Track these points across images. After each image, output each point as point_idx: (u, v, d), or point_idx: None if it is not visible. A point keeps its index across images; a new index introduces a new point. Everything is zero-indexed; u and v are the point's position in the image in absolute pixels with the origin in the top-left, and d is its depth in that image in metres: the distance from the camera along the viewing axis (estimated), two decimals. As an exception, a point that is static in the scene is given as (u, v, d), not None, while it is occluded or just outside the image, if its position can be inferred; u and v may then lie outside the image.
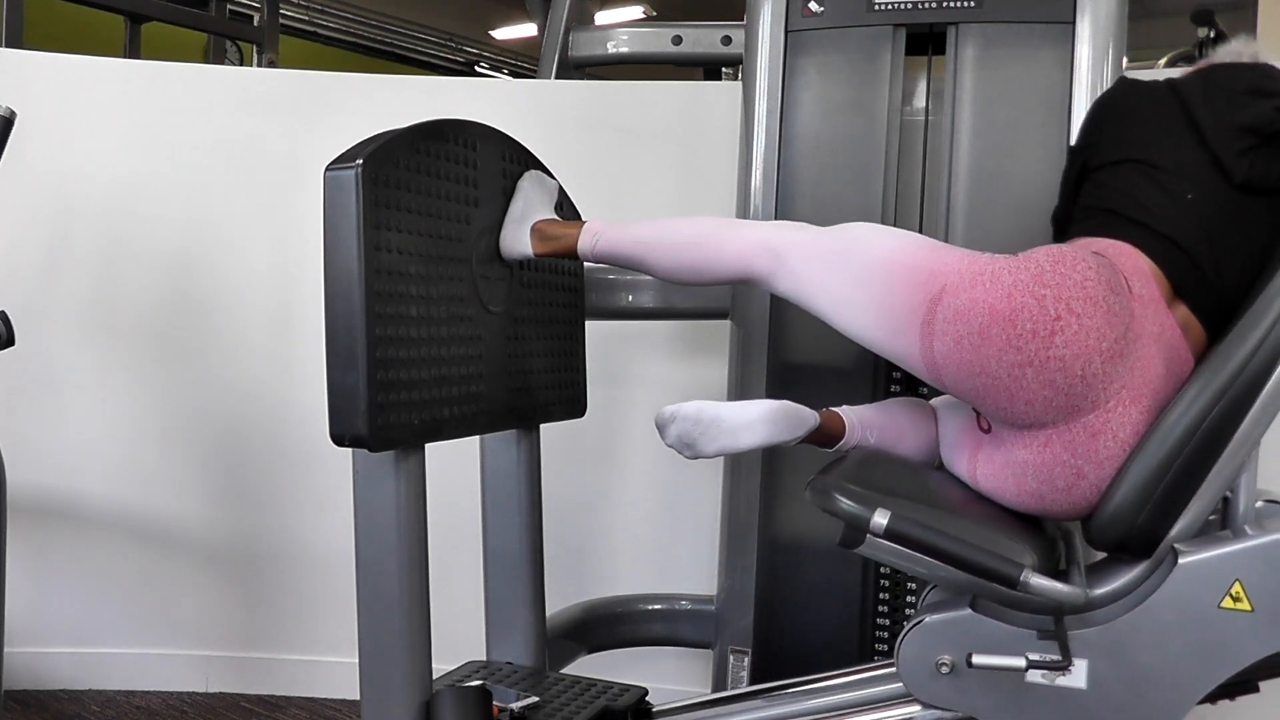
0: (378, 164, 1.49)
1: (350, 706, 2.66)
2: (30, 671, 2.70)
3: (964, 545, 1.37)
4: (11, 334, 2.00)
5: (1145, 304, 1.48)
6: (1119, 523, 1.43)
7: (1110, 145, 1.67)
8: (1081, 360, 1.40)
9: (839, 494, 1.42)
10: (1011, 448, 1.50)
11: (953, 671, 1.45)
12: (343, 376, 1.47)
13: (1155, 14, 6.15)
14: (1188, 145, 1.59)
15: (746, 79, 2.19)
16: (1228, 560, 1.38)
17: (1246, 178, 1.55)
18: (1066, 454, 1.45)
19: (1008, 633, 1.44)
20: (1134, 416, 1.44)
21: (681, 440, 1.66)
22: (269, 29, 5.46)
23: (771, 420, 1.65)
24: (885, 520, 1.38)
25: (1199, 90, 1.63)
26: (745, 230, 1.70)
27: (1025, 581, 1.34)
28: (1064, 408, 1.43)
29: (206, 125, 2.74)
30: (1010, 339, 1.41)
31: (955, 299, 1.45)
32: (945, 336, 1.46)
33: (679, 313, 2.33)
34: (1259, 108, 1.57)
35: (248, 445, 2.75)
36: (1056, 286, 1.41)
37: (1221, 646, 1.38)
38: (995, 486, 1.55)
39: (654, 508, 2.67)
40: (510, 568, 1.97)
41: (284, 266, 2.73)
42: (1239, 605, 1.37)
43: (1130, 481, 1.42)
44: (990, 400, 1.47)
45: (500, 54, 12.29)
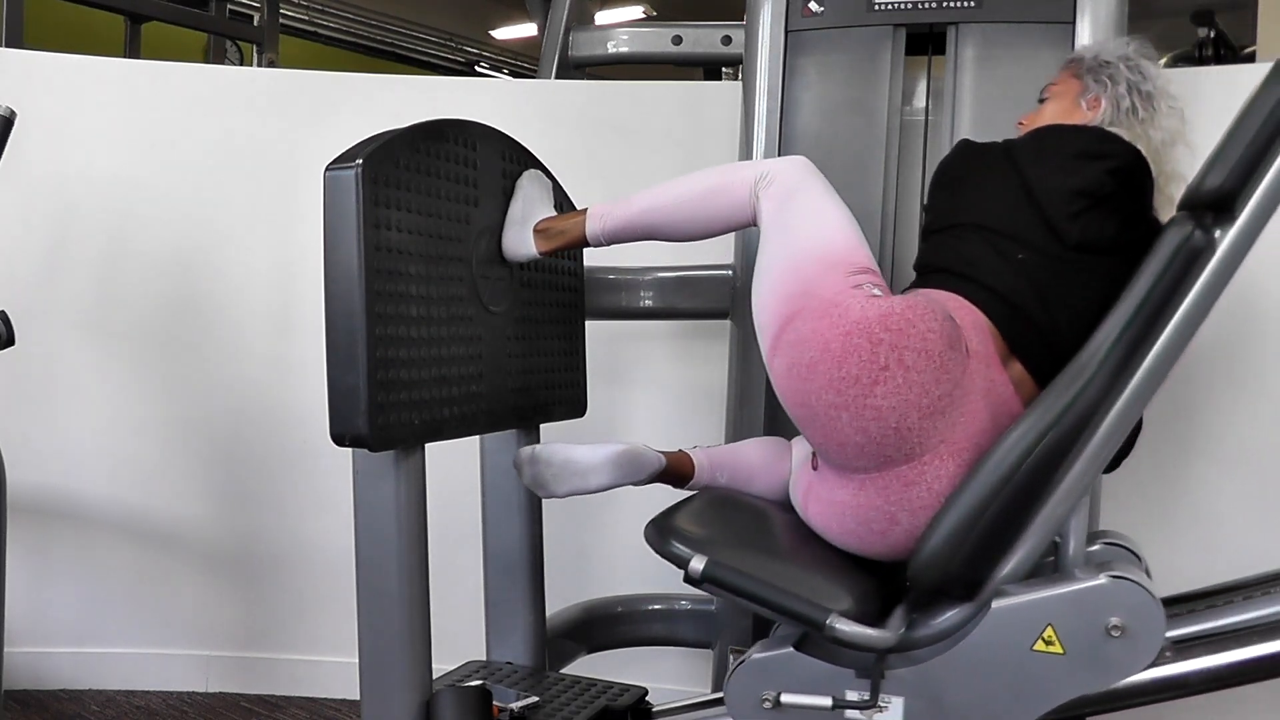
0: (378, 164, 1.49)
1: (350, 706, 2.66)
2: (30, 671, 2.70)
3: (774, 590, 1.44)
4: (11, 334, 2.00)
5: (980, 360, 1.50)
6: (934, 567, 1.45)
7: (946, 209, 1.70)
8: (898, 414, 1.42)
9: (669, 537, 1.52)
10: (833, 488, 1.54)
11: (775, 707, 1.48)
12: (343, 376, 1.47)
13: (1155, 14, 6.14)
14: (1021, 208, 1.61)
15: (746, 79, 2.19)
16: (1040, 604, 1.42)
17: (1080, 240, 1.58)
18: (881, 500, 1.48)
19: (827, 671, 1.48)
20: (950, 470, 1.46)
21: (535, 481, 1.73)
22: (269, 29, 5.45)
23: (616, 464, 1.71)
24: (701, 566, 1.45)
25: (1032, 152, 1.67)
26: (741, 172, 1.70)
27: (832, 626, 1.39)
28: (876, 456, 1.45)
29: (206, 125, 2.74)
30: (833, 380, 1.43)
31: (802, 326, 1.48)
32: (783, 358, 1.50)
33: (679, 313, 2.34)
34: (1089, 171, 1.60)
35: (248, 445, 2.75)
36: (896, 333, 1.43)
37: (1034, 688, 1.42)
38: (822, 525, 1.59)
39: (654, 508, 2.66)
40: (510, 568, 1.97)
41: (284, 266, 2.73)
42: (1051, 648, 1.41)
43: (943, 528, 1.44)
44: (810, 432, 1.51)
45: (500, 54, 12.28)
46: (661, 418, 2.64)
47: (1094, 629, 1.40)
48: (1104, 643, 1.39)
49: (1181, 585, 1.72)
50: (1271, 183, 1.35)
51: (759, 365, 2.10)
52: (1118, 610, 1.39)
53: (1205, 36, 5.30)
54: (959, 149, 1.79)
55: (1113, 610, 1.40)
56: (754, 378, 2.12)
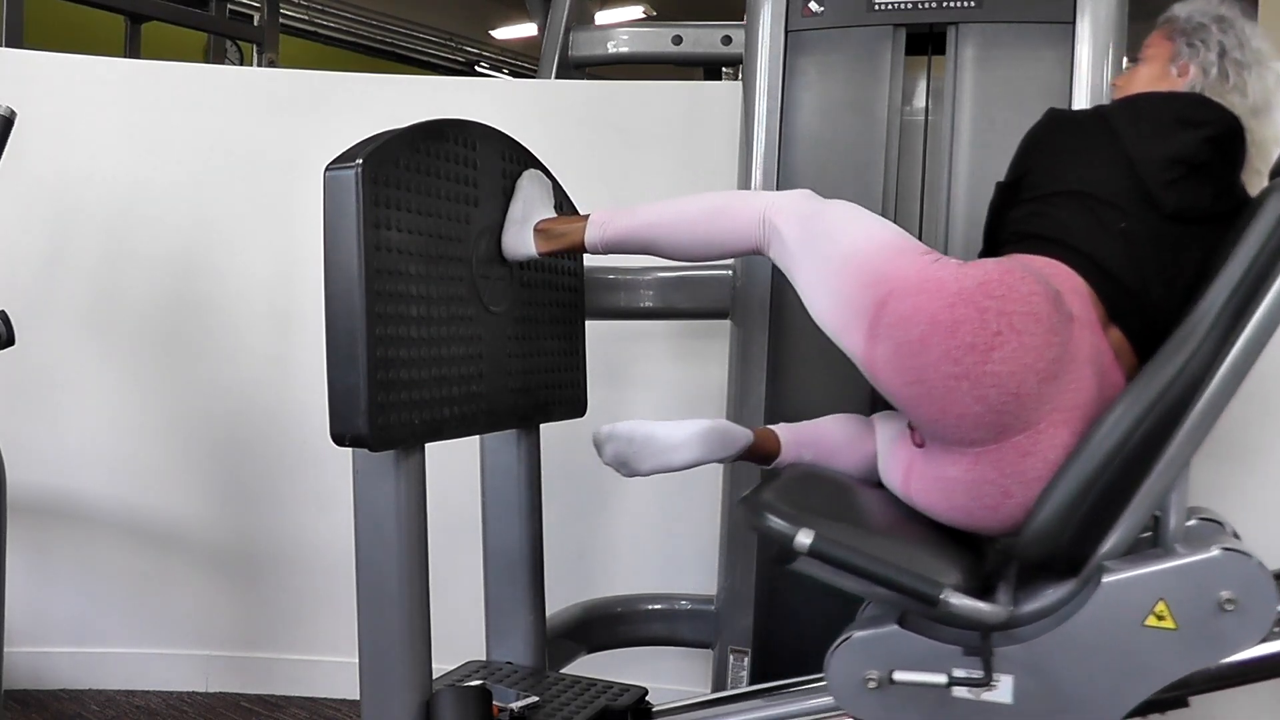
0: (378, 164, 1.49)
1: (350, 706, 2.66)
2: (30, 671, 2.70)
3: (885, 565, 1.40)
4: (11, 334, 1.99)
5: (1082, 326, 1.49)
6: (1044, 541, 1.44)
7: (1043, 178, 1.68)
8: (1017, 379, 1.40)
9: (768, 513, 1.45)
10: (942, 464, 1.52)
11: (880, 687, 1.46)
12: (343, 376, 1.47)
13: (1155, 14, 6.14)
14: (1118, 176, 1.60)
15: (746, 79, 2.19)
16: (1152, 579, 1.39)
17: (1176, 208, 1.56)
18: (995, 473, 1.46)
19: (933, 648, 1.45)
20: (1063, 439, 1.44)
21: (617, 459, 1.71)
22: (269, 29, 5.45)
23: (703, 440, 1.69)
24: (809, 540, 1.41)
25: (1128, 120, 1.64)
26: (749, 200, 1.70)
27: (945, 601, 1.36)
28: (995, 425, 1.43)
29: (206, 125, 2.74)
30: (948, 350, 1.42)
31: (900, 304, 1.46)
32: (887, 341, 1.47)
33: (679, 313, 2.33)
34: (1186, 139, 1.59)
35: (248, 445, 2.75)
36: (1001, 299, 1.42)
37: (1145, 664, 1.39)
38: (926, 501, 1.56)
39: (654, 508, 2.67)
40: (510, 568, 1.97)
41: (284, 266, 2.73)
42: (1163, 624, 1.39)
43: (1055, 501, 1.43)
44: (923, 410, 1.48)
45: (500, 54, 12.28)
46: (661, 418, 2.63)
47: (1206, 603, 1.36)
48: (1216, 617, 1.36)
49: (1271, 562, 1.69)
50: None
51: (759, 365, 2.11)
52: (1230, 583, 1.36)
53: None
54: (1050, 117, 1.74)
55: (1225, 584, 1.36)
56: (754, 378, 2.12)
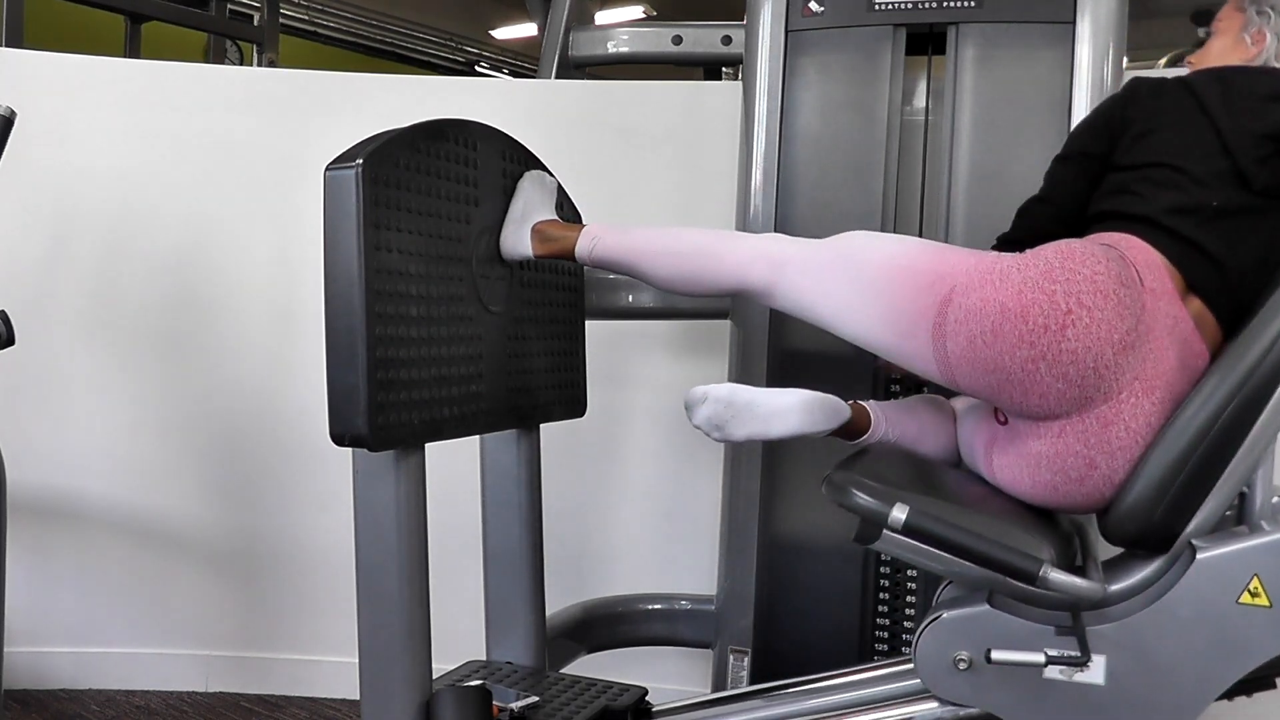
0: (378, 164, 1.49)
1: (350, 706, 2.66)
2: (30, 671, 2.70)
3: (982, 540, 1.37)
4: (11, 333, 1.99)
5: (1157, 296, 1.49)
6: (1136, 518, 1.43)
7: (1131, 149, 1.66)
8: (1093, 352, 1.41)
9: (856, 489, 1.42)
10: (1026, 440, 1.51)
11: (970, 667, 1.45)
12: (343, 376, 1.47)
13: (1155, 14, 6.15)
14: (1211, 153, 1.59)
15: (746, 79, 2.19)
16: (1246, 555, 1.38)
17: (1267, 185, 1.56)
18: (1080, 444, 1.46)
19: (1025, 628, 1.44)
20: (1146, 407, 1.45)
21: (711, 422, 1.65)
22: (269, 28, 5.45)
23: (806, 409, 1.64)
24: (904, 515, 1.37)
25: (1218, 95, 1.63)
26: (744, 243, 1.71)
27: (1045, 576, 1.33)
28: (1077, 399, 1.43)
29: (207, 125, 2.74)
30: (1023, 334, 1.42)
31: (966, 299, 1.46)
32: (958, 336, 1.47)
33: (679, 313, 2.33)
34: (1278, 115, 1.58)
35: (248, 445, 2.75)
36: (1066, 281, 1.42)
37: (1240, 642, 1.38)
38: (1011, 479, 1.55)
39: (654, 508, 2.67)
40: (510, 568, 1.97)
41: (284, 266, 2.73)
42: (1258, 600, 1.37)
43: (1147, 476, 1.42)
44: (1005, 396, 1.48)
45: (500, 54, 12.28)
46: (661, 418, 2.64)
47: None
48: None
49: None
50: None
51: (759, 365, 2.11)
52: None
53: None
54: (1141, 86, 1.72)
55: None
56: (754, 378, 2.12)
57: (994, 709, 1.47)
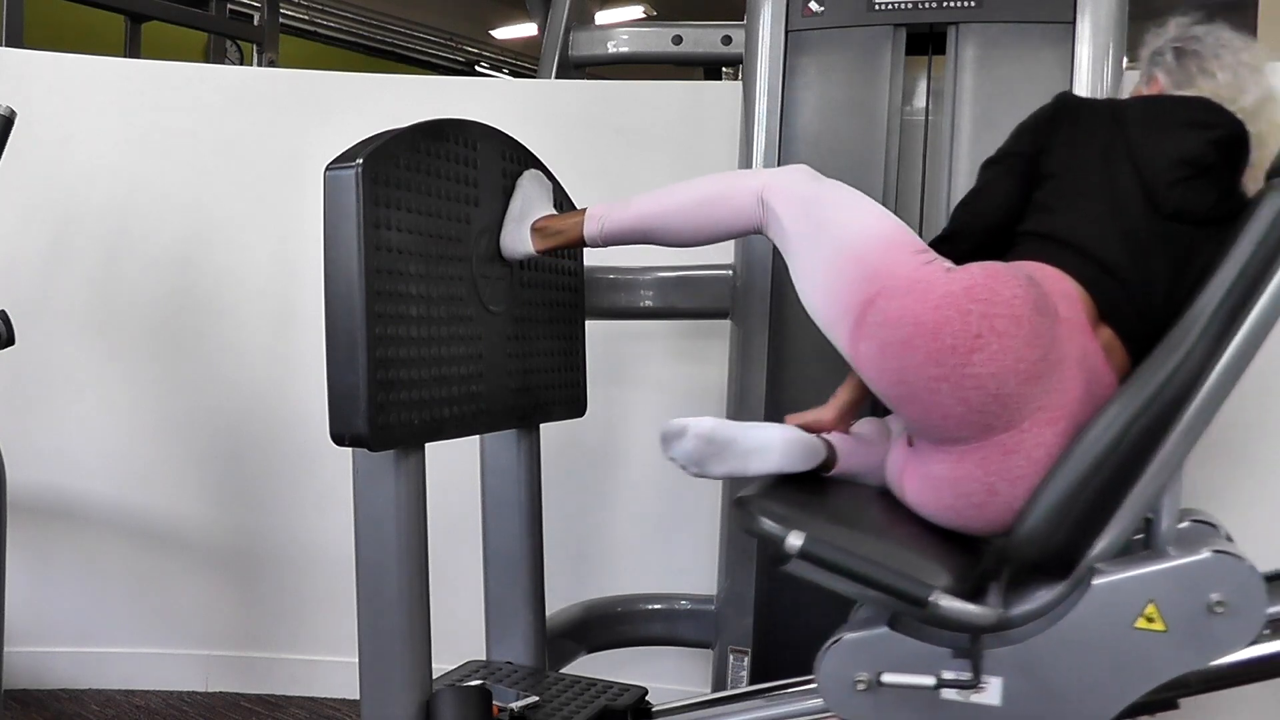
0: (378, 163, 1.49)
1: (350, 706, 2.66)
2: (30, 671, 2.70)
3: (874, 566, 1.40)
4: (11, 333, 1.99)
5: (1070, 327, 1.49)
6: (1036, 542, 1.44)
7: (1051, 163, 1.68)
8: (997, 380, 1.41)
9: (761, 515, 1.45)
10: (930, 462, 1.52)
11: (869, 688, 1.46)
12: (343, 376, 1.47)
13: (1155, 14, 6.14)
14: (1124, 174, 1.61)
15: (746, 79, 2.19)
16: (1142, 581, 1.40)
17: (1177, 209, 1.57)
18: (980, 470, 1.47)
19: (924, 650, 1.46)
20: (1048, 438, 1.45)
21: (690, 457, 1.64)
22: (269, 28, 5.44)
23: (787, 449, 1.64)
24: (799, 542, 1.41)
25: (1139, 118, 1.66)
26: (745, 181, 1.70)
27: (934, 603, 1.36)
28: (977, 425, 1.44)
29: (207, 125, 2.74)
30: (931, 352, 1.43)
31: (887, 304, 1.47)
32: (872, 340, 1.48)
33: (679, 313, 2.33)
34: (1193, 140, 1.60)
35: (248, 444, 2.75)
36: (985, 302, 1.42)
37: (1135, 666, 1.40)
38: (919, 500, 1.57)
39: (654, 508, 2.67)
40: (510, 568, 1.97)
41: (284, 266, 2.73)
42: (1153, 625, 1.39)
43: (1045, 502, 1.43)
44: (907, 409, 1.49)
45: (500, 54, 12.28)
46: (661, 418, 2.62)
47: (1196, 605, 1.37)
48: (1206, 619, 1.36)
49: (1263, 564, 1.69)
50: None
51: (759, 365, 2.11)
52: (1220, 586, 1.37)
53: None
54: (1067, 102, 1.74)
55: (1215, 586, 1.37)
56: (754, 378, 2.12)
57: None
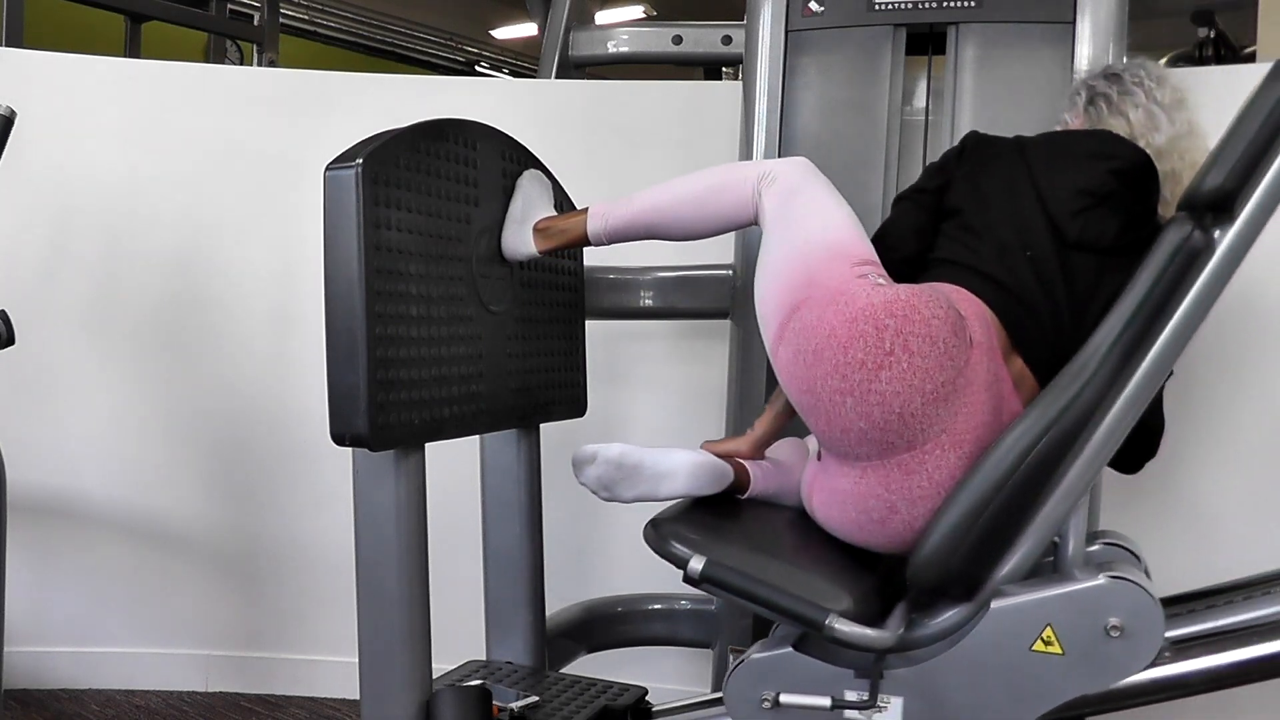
0: (378, 163, 1.49)
1: (350, 706, 2.66)
2: (30, 671, 2.70)
3: (772, 590, 1.43)
4: (11, 333, 1.99)
5: (983, 352, 1.50)
6: (934, 565, 1.45)
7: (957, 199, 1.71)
8: (901, 399, 1.42)
9: (668, 538, 1.51)
10: (834, 476, 1.54)
11: (773, 707, 1.48)
12: (343, 376, 1.47)
13: (1155, 14, 6.14)
14: (1028, 205, 1.64)
15: (746, 79, 2.19)
16: (1040, 604, 1.42)
17: (1079, 238, 1.60)
18: (881, 488, 1.48)
19: (826, 671, 1.48)
20: (951, 460, 1.46)
21: (600, 482, 1.68)
22: (269, 28, 5.44)
23: (693, 474, 1.66)
24: (700, 566, 1.46)
25: (1043, 152, 1.70)
26: (745, 171, 1.71)
27: (830, 626, 1.39)
28: (879, 442, 1.45)
29: (206, 125, 2.74)
30: (838, 365, 1.44)
31: (808, 313, 1.49)
32: (789, 347, 1.50)
33: (679, 313, 2.34)
34: (1094, 170, 1.64)
35: (248, 444, 2.75)
36: (902, 319, 1.43)
37: (1033, 688, 1.41)
38: (825, 516, 1.59)
39: (654, 508, 2.66)
40: (510, 568, 1.97)
41: (284, 266, 2.73)
42: (1050, 649, 1.41)
43: (945, 524, 1.44)
44: (813, 420, 1.51)
45: (500, 54, 12.27)
46: (661, 418, 2.64)
47: (1093, 629, 1.40)
48: (1103, 643, 1.39)
49: (1181, 586, 1.72)
50: (1271, 183, 1.36)
51: (759, 365, 2.11)
52: (1117, 610, 1.40)
53: (1205, 36, 5.31)
54: (972, 141, 1.79)
55: (1112, 610, 1.40)
56: (754, 378, 2.12)
57: None
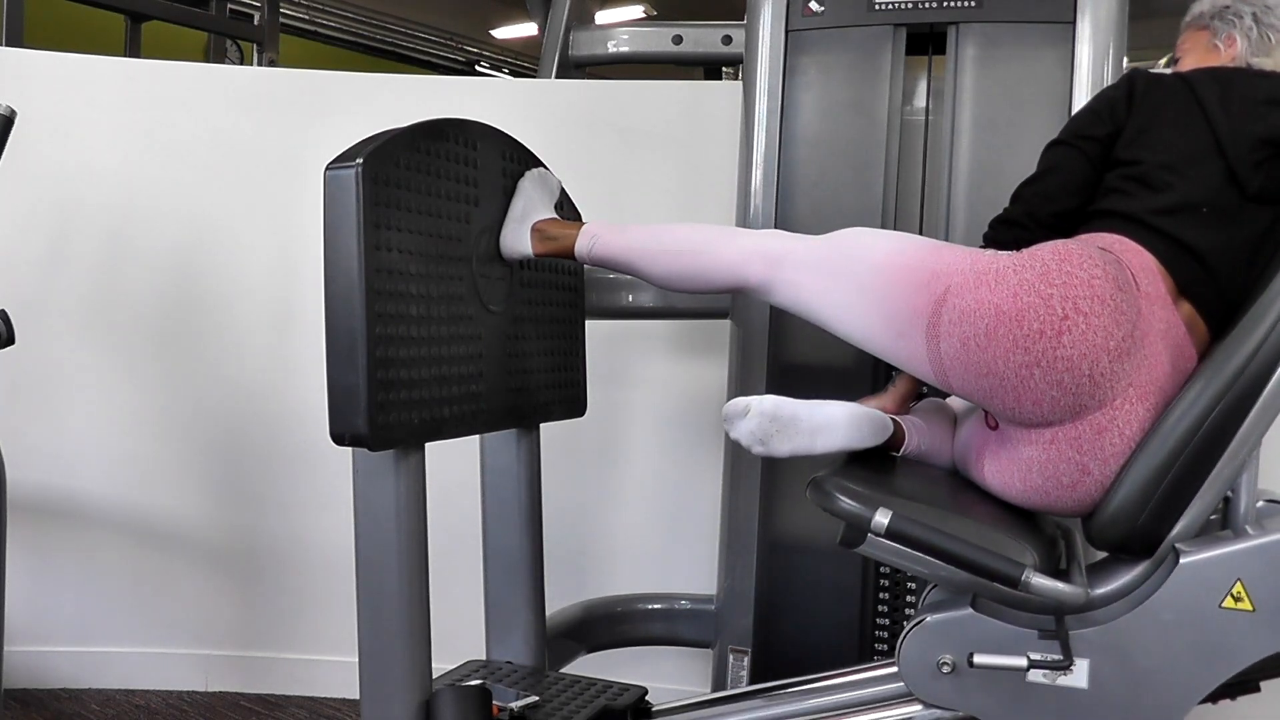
0: (378, 163, 1.49)
1: (350, 706, 2.66)
2: (30, 670, 2.70)
3: (965, 545, 1.37)
4: (11, 332, 1.99)
5: (1152, 301, 1.48)
6: (1120, 522, 1.43)
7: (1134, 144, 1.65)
8: (1089, 360, 1.40)
9: (840, 494, 1.42)
10: (1018, 445, 1.50)
11: (954, 671, 1.45)
12: (343, 376, 1.47)
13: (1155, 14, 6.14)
14: (1207, 154, 1.59)
15: (747, 79, 2.19)
16: (1229, 560, 1.38)
17: (1261, 189, 1.56)
18: (1073, 451, 1.45)
19: (1009, 632, 1.44)
20: (1140, 414, 1.44)
21: (755, 436, 1.59)
22: (269, 28, 5.44)
23: (854, 424, 1.61)
24: (886, 520, 1.38)
25: (1216, 96, 1.62)
26: (741, 239, 1.70)
27: (1027, 581, 1.33)
28: (1071, 407, 1.42)
29: (207, 125, 2.74)
30: (1017, 339, 1.41)
31: (960, 300, 1.45)
32: (951, 338, 1.46)
33: (679, 313, 2.33)
34: (1274, 118, 1.57)
35: (248, 444, 2.75)
36: (1063, 285, 1.40)
37: (1222, 646, 1.38)
38: (1001, 483, 1.54)
39: (654, 508, 2.67)
40: (510, 568, 1.97)
41: (284, 266, 2.73)
42: (1240, 605, 1.37)
43: (1131, 481, 1.42)
44: (998, 400, 1.47)
45: (500, 54, 12.28)
46: (661, 418, 2.64)
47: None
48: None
49: None
50: None
51: (759, 365, 2.11)
52: None
53: None
54: (1132, 79, 1.71)
55: None
56: (754, 378, 2.12)
57: (978, 713, 1.47)
